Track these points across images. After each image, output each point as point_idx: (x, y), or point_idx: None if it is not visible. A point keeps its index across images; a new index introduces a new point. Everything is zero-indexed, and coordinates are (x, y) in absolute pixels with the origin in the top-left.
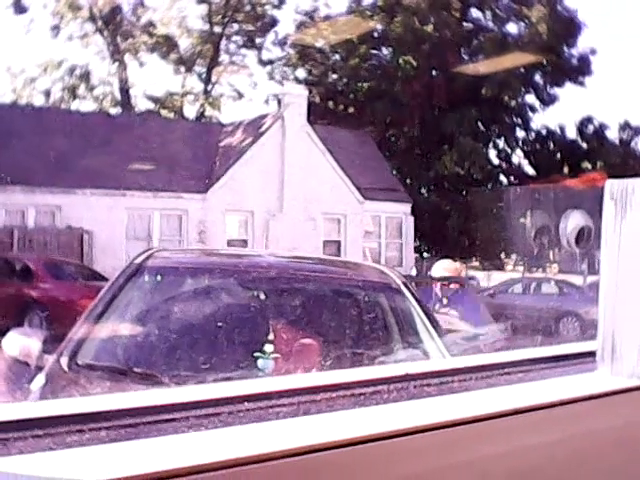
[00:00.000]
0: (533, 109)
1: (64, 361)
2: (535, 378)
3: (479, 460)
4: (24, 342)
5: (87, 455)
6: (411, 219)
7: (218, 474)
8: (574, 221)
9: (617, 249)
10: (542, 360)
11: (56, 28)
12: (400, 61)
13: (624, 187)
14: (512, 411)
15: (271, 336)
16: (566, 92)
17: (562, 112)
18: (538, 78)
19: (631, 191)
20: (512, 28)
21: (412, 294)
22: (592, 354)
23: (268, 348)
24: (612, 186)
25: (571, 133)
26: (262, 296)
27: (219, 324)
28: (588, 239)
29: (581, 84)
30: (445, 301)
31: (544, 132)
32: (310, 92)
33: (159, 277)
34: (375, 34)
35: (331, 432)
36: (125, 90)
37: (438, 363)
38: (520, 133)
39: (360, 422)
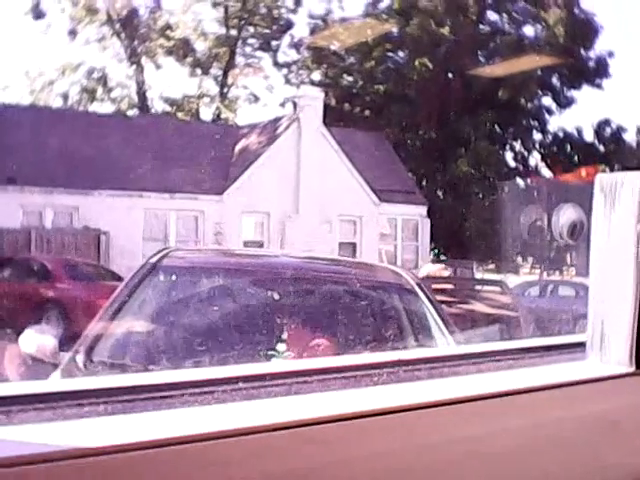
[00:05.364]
0: (550, 111)
1: (80, 358)
2: (526, 365)
3: (465, 439)
4: (40, 340)
5: (85, 426)
6: (427, 221)
7: (207, 444)
8: (566, 215)
9: (606, 241)
10: (533, 349)
11: (73, 32)
12: (416, 63)
13: (613, 181)
14: (500, 393)
15: (285, 335)
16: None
17: (580, 114)
18: (555, 80)
19: (620, 184)
20: (529, 30)
21: (426, 295)
22: (583, 345)
23: (281, 347)
24: (602, 180)
25: (589, 136)
26: (276, 296)
27: (233, 323)
28: (581, 232)
29: (598, 86)
30: None
31: (561, 134)
32: (326, 94)
33: (174, 276)
34: (391, 37)
35: (321, 409)
36: (142, 92)
37: (430, 351)
38: (537, 136)
39: (351, 401)
